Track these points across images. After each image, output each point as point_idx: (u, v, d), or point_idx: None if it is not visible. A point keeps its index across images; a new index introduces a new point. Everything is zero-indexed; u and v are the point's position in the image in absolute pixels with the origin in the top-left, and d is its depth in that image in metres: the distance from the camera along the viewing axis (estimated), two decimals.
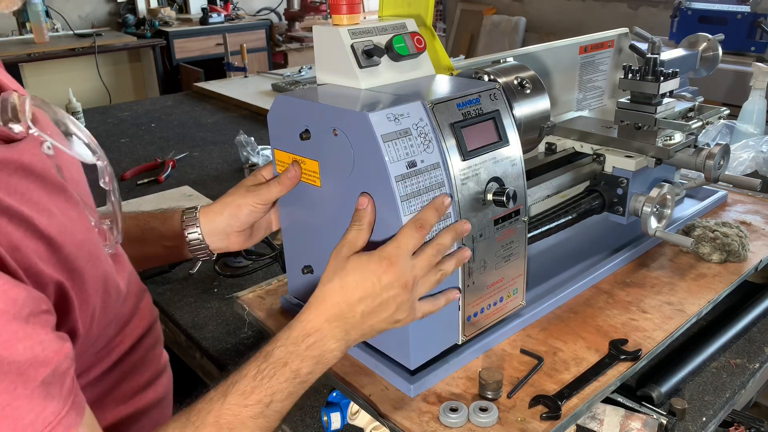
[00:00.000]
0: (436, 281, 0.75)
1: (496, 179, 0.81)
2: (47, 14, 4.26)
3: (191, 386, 1.25)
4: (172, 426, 0.64)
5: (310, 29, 4.98)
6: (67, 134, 0.66)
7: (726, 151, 1.09)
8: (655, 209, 1.08)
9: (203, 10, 4.69)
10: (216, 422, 0.64)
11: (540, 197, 1.06)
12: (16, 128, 0.61)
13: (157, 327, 0.86)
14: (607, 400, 0.84)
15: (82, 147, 0.66)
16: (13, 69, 3.93)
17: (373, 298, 0.71)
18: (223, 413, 0.65)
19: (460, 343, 0.85)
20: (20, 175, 0.59)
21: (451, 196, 0.77)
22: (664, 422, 0.81)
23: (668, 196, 1.09)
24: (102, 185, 0.70)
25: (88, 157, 0.66)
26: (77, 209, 0.67)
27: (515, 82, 0.92)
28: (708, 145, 1.11)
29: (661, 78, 1.07)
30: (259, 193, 0.88)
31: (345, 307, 0.71)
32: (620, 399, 0.85)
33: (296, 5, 5.21)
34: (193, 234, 0.91)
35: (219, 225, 0.91)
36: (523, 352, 0.88)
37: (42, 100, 0.65)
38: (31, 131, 0.62)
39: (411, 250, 0.72)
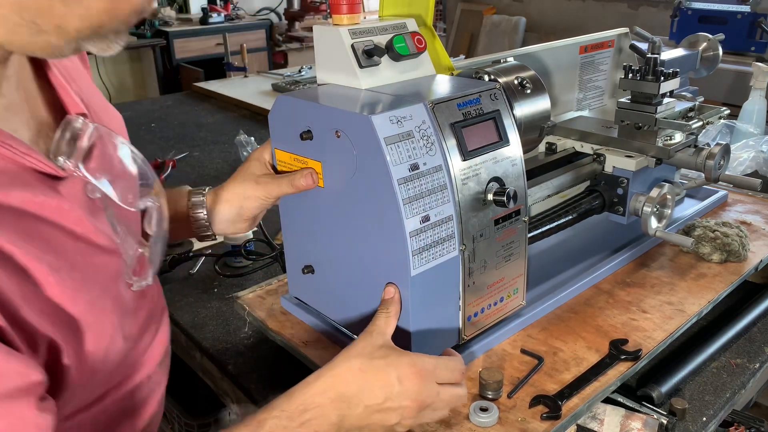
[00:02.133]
0: (437, 417, 0.72)
1: (496, 179, 0.81)
2: None
3: (191, 386, 1.25)
4: None
5: (310, 29, 4.97)
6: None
7: (726, 151, 1.09)
8: (655, 209, 1.08)
9: (203, 10, 4.69)
10: None
11: (540, 197, 1.06)
12: (63, 163, 0.60)
13: (166, 362, 0.81)
14: (608, 400, 0.84)
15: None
16: None
17: (385, 398, 0.67)
18: None
19: (460, 343, 0.85)
20: (48, 225, 0.58)
21: (452, 197, 0.77)
22: (665, 422, 0.81)
23: (668, 196, 1.09)
24: (146, 229, 0.69)
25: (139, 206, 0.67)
26: (107, 255, 0.64)
27: (515, 82, 0.92)
28: (708, 145, 1.11)
29: (662, 78, 1.07)
30: (269, 188, 0.86)
31: (356, 391, 0.67)
32: (620, 399, 0.85)
33: (296, 5, 5.21)
34: (200, 214, 0.89)
35: (227, 214, 0.89)
36: (524, 352, 0.88)
37: (107, 131, 0.65)
38: (76, 172, 0.61)
39: (442, 378, 0.70)
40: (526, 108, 0.92)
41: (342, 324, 0.91)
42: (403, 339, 0.80)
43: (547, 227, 1.04)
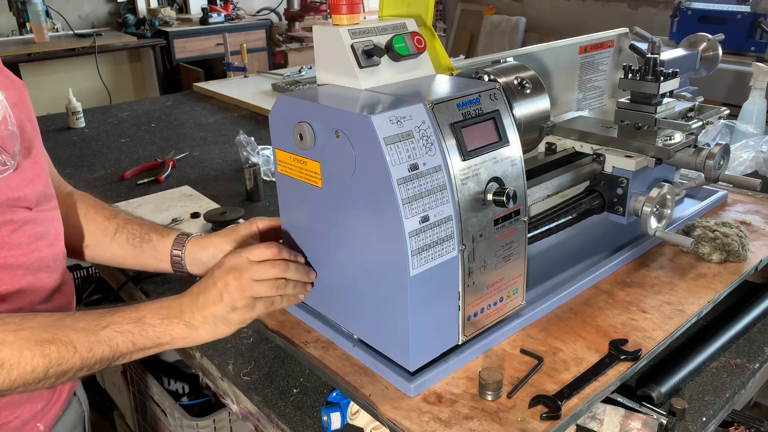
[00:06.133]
0: (275, 288, 0.83)
1: (496, 179, 0.81)
2: (47, 14, 4.26)
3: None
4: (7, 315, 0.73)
5: (310, 29, 4.97)
6: None
7: (726, 151, 1.09)
8: (655, 209, 1.08)
9: (203, 10, 4.69)
10: (50, 321, 0.73)
11: (540, 197, 1.06)
12: None
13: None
14: (607, 400, 0.84)
15: None
16: (13, 69, 3.93)
17: (207, 282, 0.82)
18: (64, 318, 0.75)
19: (460, 343, 0.85)
20: None
21: (452, 197, 0.77)
22: (664, 422, 0.81)
23: (668, 196, 1.09)
24: None
25: None
26: None
27: (515, 82, 0.92)
28: (708, 145, 1.11)
29: (661, 78, 1.07)
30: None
31: (195, 290, 0.82)
32: (620, 399, 0.85)
33: (296, 5, 5.21)
34: (176, 253, 0.99)
35: (202, 258, 0.99)
36: (523, 352, 0.88)
37: None
38: None
39: (253, 255, 0.82)
40: (525, 108, 0.92)
41: (341, 324, 0.91)
42: (402, 339, 0.80)
43: (547, 227, 1.04)
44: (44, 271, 0.86)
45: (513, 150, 0.84)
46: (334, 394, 0.88)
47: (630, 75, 1.11)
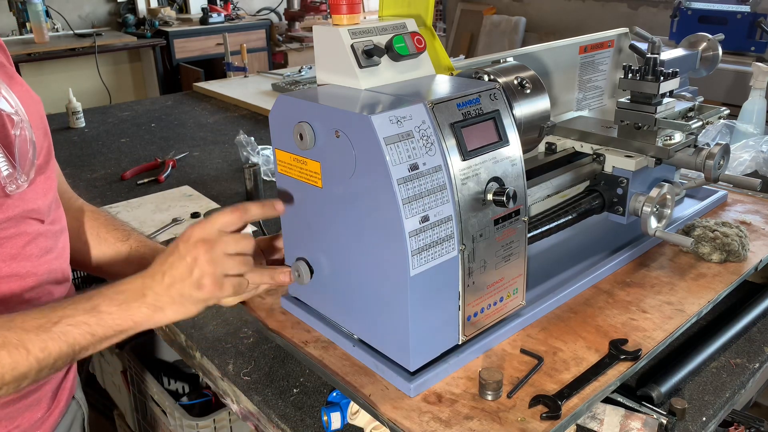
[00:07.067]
0: (245, 264, 0.78)
1: (496, 179, 0.81)
2: (47, 14, 4.26)
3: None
4: None
5: (310, 29, 4.98)
6: None
7: (726, 151, 1.09)
8: (655, 209, 1.08)
9: (203, 9, 4.70)
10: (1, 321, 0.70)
11: (540, 197, 1.06)
12: None
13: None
14: (607, 400, 0.84)
15: (3, 103, 0.77)
16: None
17: (173, 257, 0.76)
18: (14, 318, 0.70)
19: (460, 342, 0.85)
20: None
21: (452, 197, 0.77)
22: (664, 422, 0.81)
23: (668, 196, 1.09)
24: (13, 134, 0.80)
25: (7, 108, 0.77)
26: None
27: (515, 82, 0.92)
28: (708, 145, 1.11)
29: (661, 78, 1.07)
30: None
31: (158, 269, 0.76)
32: (620, 399, 0.85)
33: (296, 5, 5.21)
34: None
35: None
36: (523, 352, 0.88)
37: None
38: None
39: (221, 223, 0.77)
40: (525, 108, 0.92)
41: (341, 324, 0.91)
42: (402, 339, 0.80)
43: (547, 227, 1.04)
44: (52, 284, 0.86)
45: (513, 150, 0.84)
46: (334, 394, 0.88)
47: (630, 75, 1.11)
